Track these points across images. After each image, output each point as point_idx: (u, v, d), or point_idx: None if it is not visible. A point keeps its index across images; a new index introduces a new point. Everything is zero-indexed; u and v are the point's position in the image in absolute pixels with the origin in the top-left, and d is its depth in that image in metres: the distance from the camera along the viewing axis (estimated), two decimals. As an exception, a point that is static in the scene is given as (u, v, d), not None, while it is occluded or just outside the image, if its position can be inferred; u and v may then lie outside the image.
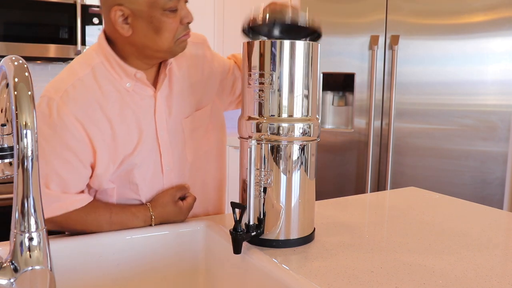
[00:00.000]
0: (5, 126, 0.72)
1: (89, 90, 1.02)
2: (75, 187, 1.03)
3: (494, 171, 2.35)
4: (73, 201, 1.02)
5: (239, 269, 0.98)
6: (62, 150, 0.99)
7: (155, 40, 1.02)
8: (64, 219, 1.02)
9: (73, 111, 0.99)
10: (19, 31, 2.51)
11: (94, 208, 1.04)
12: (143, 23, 1.00)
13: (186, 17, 1.04)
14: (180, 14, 1.03)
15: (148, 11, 0.99)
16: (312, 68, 0.97)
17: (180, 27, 1.04)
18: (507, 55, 2.29)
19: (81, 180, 1.04)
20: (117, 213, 1.06)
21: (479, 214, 1.27)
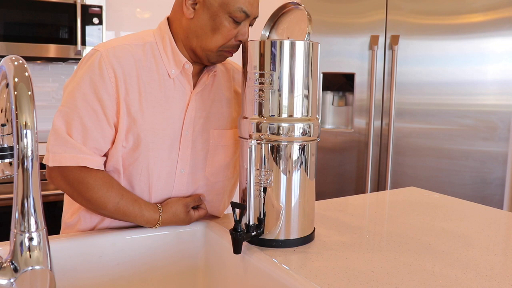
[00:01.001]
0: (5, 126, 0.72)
1: (134, 57, 1.05)
2: (96, 142, 1.02)
3: (494, 171, 2.35)
4: (88, 157, 1.01)
5: (239, 269, 0.98)
6: (92, 99, 1.00)
7: (206, 37, 1.05)
8: (77, 177, 1.01)
9: (113, 65, 1.02)
10: (19, 31, 2.52)
11: (108, 185, 1.03)
12: (207, 16, 1.03)
13: (242, 34, 1.06)
14: (240, 29, 1.05)
15: (217, 8, 1.02)
16: (312, 68, 0.97)
17: (233, 40, 1.05)
18: (507, 55, 2.29)
19: (102, 136, 1.02)
20: (126, 202, 1.04)
21: (479, 214, 1.27)
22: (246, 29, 1.06)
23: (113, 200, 1.02)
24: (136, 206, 1.05)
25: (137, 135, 1.04)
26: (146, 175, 1.07)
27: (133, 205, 1.05)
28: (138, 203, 1.06)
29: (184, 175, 1.11)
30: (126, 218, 1.05)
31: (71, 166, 0.99)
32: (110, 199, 1.02)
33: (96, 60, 1.02)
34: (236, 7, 1.02)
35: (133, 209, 1.05)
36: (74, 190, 1.03)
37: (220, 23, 1.03)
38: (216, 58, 1.08)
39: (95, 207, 1.04)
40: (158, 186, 1.09)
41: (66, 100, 1.02)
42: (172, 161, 1.09)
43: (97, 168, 1.02)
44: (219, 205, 1.20)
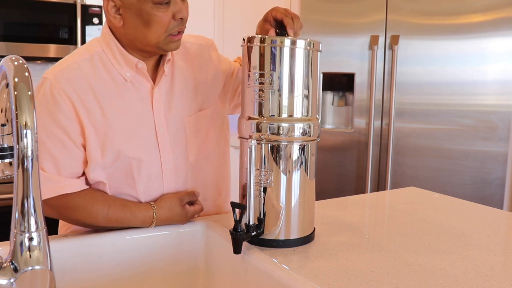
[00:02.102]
0: (5, 126, 0.72)
1: (84, 73, 1.03)
2: (69, 168, 1.02)
3: (494, 171, 2.35)
4: (65, 184, 1.01)
5: (239, 269, 0.98)
6: (53, 128, 1.00)
7: (145, 33, 1.01)
8: (60, 203, 1.01)
9: (64, 89, 1.00)
10: (19, 31, 2.51)
11: (92, 200, 1.03)
12: (133, 15, 0.99)
13: (179, 12, 1.00)
14: (173, 8, 1.00)
15: (137, 4, 0.98)
16: (312, 68, 0.97)
17: (172, 22, 1.01)
18: (507, 55, 2.29)
19: (74, 161, 1.02)
20: (115, 210, 1.04)
21: (479, 214, 1.27)
22: (179, 5, 1.01)
23: (100, 213, 1.03)
24: (126, 210, 1.05)
25: (113, 148, 1.04)
26: (132, 180, 1.08)
27: (123, 210, 1.05)
28: (127, 207, 1.06)
29: (171, 170, 1.12)
30: (120, 225, 1.06)
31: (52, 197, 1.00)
32: (98, 213, 1.03)
33: (47, 88, 1.01)
34: None
35: (124, 214, 1.05)
36: (62, 215, 1.06)
37: (149, 15, 0.99)
38: (168, 46, 1.04)
39: (87, 225, 1.05)
40: (148, 187, 1.10)
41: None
42: (155, 160, 1.10)
43: (78, 190, 1.03)
44: (215, 200, 1.21)
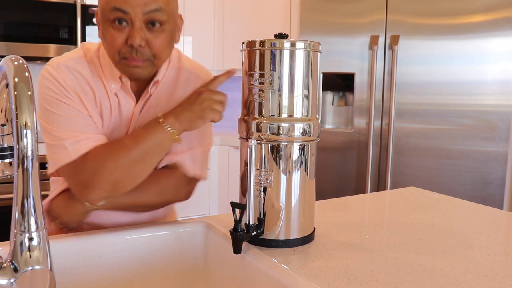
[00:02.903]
0: (5, 126, 0.72)
1: (83, 68, 1.05)
2: (86, 127, 1.02)
3: (494, 171, 2.35)
4: (94, 138, 1.01)
5: (239, 269, 0.98)
6: (61, 98, 1.01)
7: (105, 48, 1.02)
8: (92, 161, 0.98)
9: (68, 76, 1.03)
10: (19, 31, 2.52)
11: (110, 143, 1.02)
12: (100, 28, 1.01)
13: (130, 38, 0.96)
14: (129, 32, 0.96)
15: (101, 18, 0.99)
16: (312, 68, 0.97)
17: (125, 46, 0.97)
18: (507, 55, 2.29)
19: (88, 121, 1.03)
20: (130, 136, 1.02)
21: (479, 214, 1.27)
22: (134, 31, 0.96)
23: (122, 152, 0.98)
24: (139, 131, 1.01)
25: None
26: None
27: (137, 132, 1.02)
28: (138, 131, 1.03)
29: None
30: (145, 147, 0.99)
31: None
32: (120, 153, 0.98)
33: (51, 72, 1.03)
34: (109, 8, 0.95)
35: (141, 135, 1.00)
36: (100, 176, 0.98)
37: (105, 30, 0.98)
38: (125, 70, 1.01)
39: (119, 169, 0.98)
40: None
41: (42, 120, 1.02)
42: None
43: (103, 141, 1.03)
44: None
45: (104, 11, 0.97)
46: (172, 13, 1.02)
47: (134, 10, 0.95)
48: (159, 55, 1.01)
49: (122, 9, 0.95)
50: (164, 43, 1.01)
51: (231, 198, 3.03)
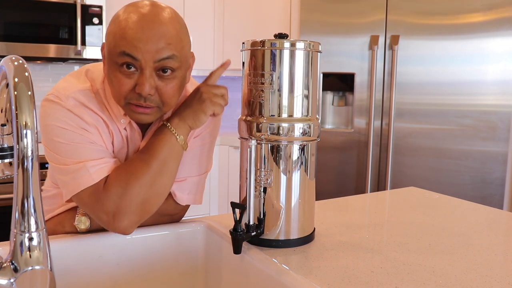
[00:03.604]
0: (5, 126, 0.72)
1: (90, 102, 0.99)
2: (105, 153, 0.99)
3: (494, 171, 2.35)
4: (109, 160, 0.98)
5: (239, 269, 0.98)
6: (81, 133, 0.97)
7: (111, 90, 0.97)
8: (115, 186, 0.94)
9: (81, 110, 0.98)
10: (19, 31, 2.52)
11: (127, 163, 0.98)
12: (106, 69, 0.96)
13: (139, 85, 0.90)
14: (138, 79, 0.91)
15: (108, 59, 0.93)
16: (312, 68, 0.97)
17: (131, 92, 0.92)
18: (507, 55, 2.29)
19: (104, 149, 1.00)
20: (144, 150, 0.98)
21: (479, 214, 1.27)
22: (143, 79, 0.90)
23: (139, 164, 0.96)
24: (151, 141, 0.99)
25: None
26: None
27: (149, 142, 0.99)
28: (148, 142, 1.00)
29: None
30: (159, 155, 0.96)
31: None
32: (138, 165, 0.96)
33: (65, 106, 0.97)
34: (118, 52, 0.90)
35: (152, 145, 0.97)
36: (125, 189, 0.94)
37: (112, 74, 0.92)
38: (131, 115, 0.97)
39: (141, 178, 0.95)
40: None
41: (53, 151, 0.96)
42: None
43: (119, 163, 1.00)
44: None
45: (112, 53, 0.92)
46: (185, 58, 0.97)
47: (145, 57, 0.89)
48: (168, 102, 0.96)
49: (132, 55, 0.89)
50: (174, 90, 0.96)
51: (231, 198, 3.03)
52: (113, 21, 0.95)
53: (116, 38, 0.91)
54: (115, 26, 0.93)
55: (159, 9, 0.94)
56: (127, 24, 0.90)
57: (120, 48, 0.90)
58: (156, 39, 0.90)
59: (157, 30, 0.90)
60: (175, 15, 0.96)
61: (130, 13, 0.92)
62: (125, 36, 0.90)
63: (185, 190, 1.10)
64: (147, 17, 0.91)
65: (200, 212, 3.06)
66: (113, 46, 0.91)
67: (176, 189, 1.09)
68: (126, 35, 0.89)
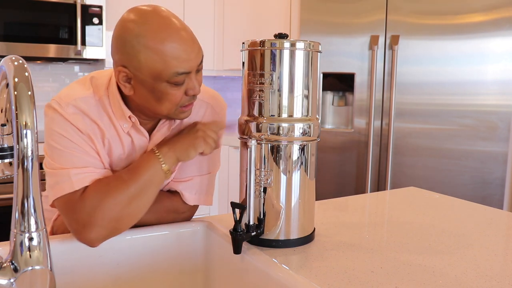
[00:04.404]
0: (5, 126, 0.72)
1: (90, 109, 1.01)
2: (92, 163, 1.00)
3: (494, 171, 2.35)
4: (94, 173, 0.99)
5: (239, 269, 0.98)
6: (73, 140, 0.98)
7: (155, 106, 0.99)
8: (91, 198, 0.95)
9: (77, 118, 0.99)
10: (19, 31, 2.52)
11: (108, 178, 1.00)
12: (145, 90, 0.97)
13: (192, 89, 0.98)
14: (187, 85, 0.97)
15: (152, 81, 0.95)
16: (312, 68, 0.97)
17: (184, 97, 0.99)
18: (507, 55, 2.29)
19: (95, 159, 1.01)
20: (126, 170, 1.00)
21: (479, 214, 1.27)
22: (193, 82, 0.97)
23: (121, 187, 0.97)
24: (134, 165, 1.00)
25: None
26: None
27: (132, 166, 1.00)
28: (132, 165, 1.02)
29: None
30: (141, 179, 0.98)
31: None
32: (119, 187, 0.97)
33: (61, 113, 0.99)
34: (172, 73, 0.94)
35: (136, 169, 0.99)
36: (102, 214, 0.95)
37: (162, 93, 0.96)
38: (178, 116, 1.02)
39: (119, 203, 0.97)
40: None
41: (50, 157, 0.99)
42: None
43: (106, 174, 1.01)
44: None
45: (162, 76, 0.94)
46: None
47: (193, 66, 0.96)
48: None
49: (186, 71, 0.95)
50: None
51: (231, 198, 3.03)
52: (141, 44, 0.92)
53: (163, 62, 0.92)
54: (152, 50, 0.92)
55: (174, 18, 0.96)
56: (168, 44, 0.92)
57: (172, 70, 0.93)
58: (195, 48, 0.96)
59: (190, 39, 0.96)
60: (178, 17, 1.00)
61: (165, 28, 0.93)
62: (174, 56, 0.93)
63: (192, 190, 1.12)
64: (177, 29, 0.94)
65: (200, 212, 3.06)
66: (161, 70, 0.93)
67: (183, 188, 1.11)
68: (175, 55, 0.93)
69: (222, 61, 3.28)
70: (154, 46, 0.92)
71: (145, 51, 0.92)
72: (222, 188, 3.15)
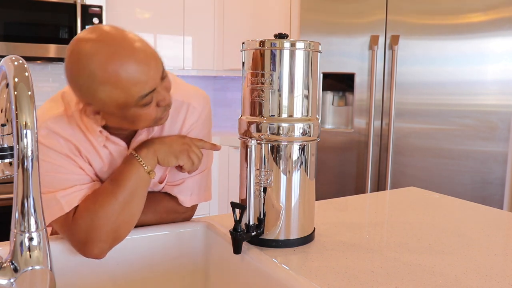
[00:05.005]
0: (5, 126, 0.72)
1: (64, 130, 0.99)
2: (77, 181, 0.99)
3: (494, 171, 2.35)
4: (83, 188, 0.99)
5: (239, 269, 0.98)
6: (52, 161, 0.97)
7: (131, 127, 0.98)
8: (84, 217, 0.95)
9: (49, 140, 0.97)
10: (19, 31, 2.52)
11: (95, 193, 0.99)
12: (117, 118, 0.94)
13: (162, 101, 0.94)
14: (156, 99, 0.93)
15: (120, 111, 0.92)
16: (312, 68, 0.97)
17: (158, 110, 0.95)
18: (507, 55, 2.29)
19: (78, 175, 1.00)
20: (111, 181, 0.99)
21: (479, 214, 1.27)
22: (162, 94, 0.93)
23: (108, 199, 0.97)
24: (117, 171, 0.99)
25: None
26: None
27: (115, 174, 0.99)
28: (116, 170, 1.01)
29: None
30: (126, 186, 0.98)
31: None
32: (107, 199, 0.97)
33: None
34: (137, 99, 0.89)
35: (120, 175, 0.98)
36: (94, 224, 0.95)
37: (134, 116, 0.93)
38: (156, 124, 0.99)
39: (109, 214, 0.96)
40: None
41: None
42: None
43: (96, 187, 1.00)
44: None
45: (129, 103, 0.90)
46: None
47: (156, 82, 0.91)
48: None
49: (151, 90, 0.90)
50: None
51: (231, 198, 3.03)
52: (96, 82, 0.87)
53: (124, 92, 0.88)
54: (108, 85, 0.87)
55: (121, 39, 0.89)
56: (123, 73, 0.87)
57: (137, 95, 0.89)
58: (152, 63, 0.90)
59: (144, 57, 0.89)
60: (128, 31, 0.93)
61: (114, 58, 0.86)
62: (133, 83, 0.87)
63: (187, 192, 1.10)
64: (127, 53, 0.87)
65: (200, 212, 3.06)
66: (125, 100, 0.89)
67: (177, 192, 1.10)
68: (134, 81, 0.87)
69: (222, 61, 3.28)
70: (109, 80, 0.86)
71: (102, 88, 0.87)
72: (222, 188, 3.15)
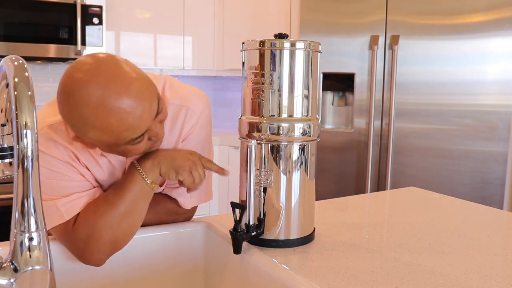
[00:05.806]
0: (5, 126, 0.72)
1: (62, 138, 0.97)
2: (78, 187, 0.99)
3: (494, 171, 2.35)
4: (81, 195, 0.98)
5: (239, 269, 0.98)
6: (53, 169, 0.96)
7: (122, 155, 0.97)
8: (83, 227, 0.95)
9: (49, 148, 0.96)
10: (19, 31, 2.52)
11: (95, 202, 0.98)
12: (109, 150, 0.94)
13: (155, 136, 0.93)
14: (148, 135, 0.92)
15: (112, 148, 0.91)
16: (312, 68, 0.97)
17: (149, 142, 0.94)
18: (507, 55, 2.29)
19: (79, 182, 0.99)
20: (112, 191, 0.99)
21: (479, 214, 1.27)
22: (154, 131, 0.92)
23: (108, 209, 0.97)
24: (119, 182, 0.99)
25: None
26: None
27: (117, 185, 0.99)
28: (118, 182, 1.01)
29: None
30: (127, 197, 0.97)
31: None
32: (107, 210, 0.96)
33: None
34: (127, 141, 0.88)
35: (121, 186, 0.98)
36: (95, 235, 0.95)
37: (125, 151, 0.92)
38: (148, 151, 0.99)
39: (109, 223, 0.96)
40: None
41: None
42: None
43: (97, 194, 1.00)
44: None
45: (119, 143, 0.88)
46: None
47: (149, 124, 0.89)
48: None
49: (142, 133, 0.89)
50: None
51: (231, 198, 3.03)
52: (87, 125, 0.84)
53: (115, 136, 0.86)
54: (99, 130, 0.84)
55: (112, 77, 0.84)
56: (113, 119, 0.83)
57: (127, 139, 0.87)
58: (146, 104, 0.86)
59: (137, 98, 0.85)
60: (125, 61, 0.89)
61: (104, 103, 0.83)
62: (124, 128, 0.85)
63: (187, 194, 1.09)
64: (118, 96, 0.83)
65: (200, 212, 3.06)
66: (115, 142, 0.87)
67: (177, 195, 1.09)
68: (125, 127, 0.85)
69: (222, 61, 3.28)
70: (100, 125, 0.84)
71: (93, 131, 0.85)
72: (222, 188, 3.15)
